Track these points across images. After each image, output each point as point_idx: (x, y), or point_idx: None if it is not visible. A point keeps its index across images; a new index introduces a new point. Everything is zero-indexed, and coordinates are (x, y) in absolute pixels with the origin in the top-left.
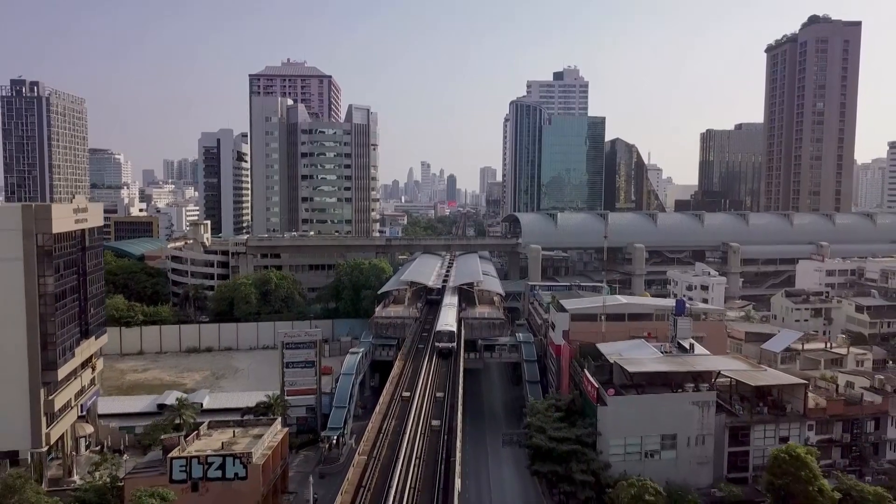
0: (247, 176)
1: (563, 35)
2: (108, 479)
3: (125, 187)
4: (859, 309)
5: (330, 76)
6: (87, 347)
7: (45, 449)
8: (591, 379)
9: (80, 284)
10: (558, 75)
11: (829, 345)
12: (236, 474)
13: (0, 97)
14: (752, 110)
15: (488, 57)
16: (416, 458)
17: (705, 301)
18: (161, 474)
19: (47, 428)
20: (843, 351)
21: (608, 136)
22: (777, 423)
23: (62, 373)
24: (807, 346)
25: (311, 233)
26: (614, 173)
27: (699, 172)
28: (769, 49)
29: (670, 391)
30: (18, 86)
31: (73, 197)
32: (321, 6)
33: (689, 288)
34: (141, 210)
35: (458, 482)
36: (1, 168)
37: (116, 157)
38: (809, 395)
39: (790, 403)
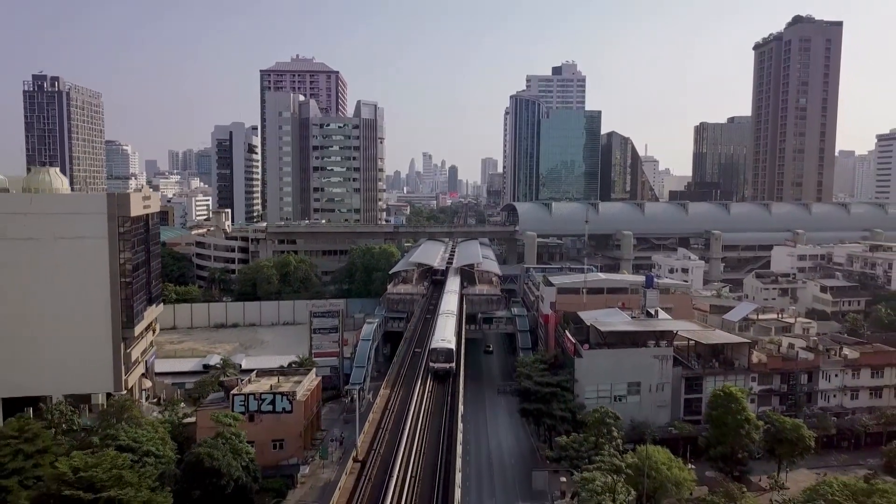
0: (257, 167)
1: (565, 29)
2: (176, 418)
3: (133, 178)
4: (823, 289)
5: (337, 72)
6: (151, 313)
7: (124, 392)
8: (570, 337)
9: (147, 260)
10: (557, 70)
11: (780, 315)
12: (284, 408)
13: (23, 92)
14: (746, 104)
15: (491, 50)
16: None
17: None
18: (224, 407)
19: (125, 376)
20: (791, 320)
21: (609, 130)
22: (725, 374)
23: (136, 331)
24: (761, 316)
25: (323, 221)
26: (610, 165)
27: (693, 164)
28: (757, 47)
29: (636, 348)
30: (40, 81)
31: (99, 188)
32: (323, 4)
33: (671, 271)
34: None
35: (461, 407)
36: (24, 160)
37: (124, 148)
38: (754, 353)
39: (738, 360)
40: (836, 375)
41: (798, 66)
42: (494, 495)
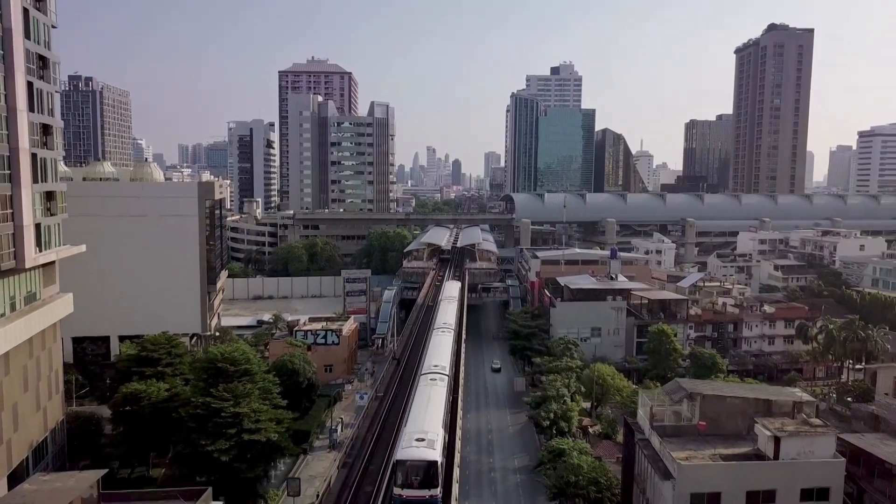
0: (274, 161)
1: (565, 29)
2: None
3: None
4: (776, 268)
5: (350, 72)
6: (222, 276)
7: (208, 334)
8: (547, 293)
9: (221, 234)
10: (555, 70)
11: (722, 283)
12: (333, 341)
13: (59, 92)
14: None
15: (493, 49)
16: None
17: (659, 263)
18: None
19: (209, 321)
20: (730, 286)
21: (604, 127)
22: (668, 323)
23: (217, 286)
24: (707, 284)
25: (341, 210)
26: (604, 160)
27: (683, 158)
28: (737, 51)
29: (598, 302)
30: (75, 81)
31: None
32: (325, 4)
33: (647, 252)
34: None
35: (463, 349)
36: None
37: (138, 141)
38: (695, 308)
39: (679, 313)
40: (757, 326)
41: (773, 70)
42: (488, 404)
